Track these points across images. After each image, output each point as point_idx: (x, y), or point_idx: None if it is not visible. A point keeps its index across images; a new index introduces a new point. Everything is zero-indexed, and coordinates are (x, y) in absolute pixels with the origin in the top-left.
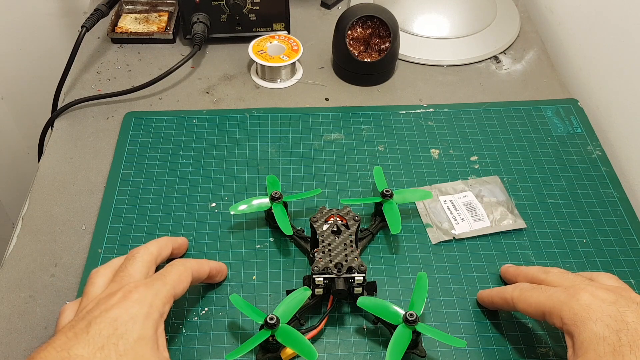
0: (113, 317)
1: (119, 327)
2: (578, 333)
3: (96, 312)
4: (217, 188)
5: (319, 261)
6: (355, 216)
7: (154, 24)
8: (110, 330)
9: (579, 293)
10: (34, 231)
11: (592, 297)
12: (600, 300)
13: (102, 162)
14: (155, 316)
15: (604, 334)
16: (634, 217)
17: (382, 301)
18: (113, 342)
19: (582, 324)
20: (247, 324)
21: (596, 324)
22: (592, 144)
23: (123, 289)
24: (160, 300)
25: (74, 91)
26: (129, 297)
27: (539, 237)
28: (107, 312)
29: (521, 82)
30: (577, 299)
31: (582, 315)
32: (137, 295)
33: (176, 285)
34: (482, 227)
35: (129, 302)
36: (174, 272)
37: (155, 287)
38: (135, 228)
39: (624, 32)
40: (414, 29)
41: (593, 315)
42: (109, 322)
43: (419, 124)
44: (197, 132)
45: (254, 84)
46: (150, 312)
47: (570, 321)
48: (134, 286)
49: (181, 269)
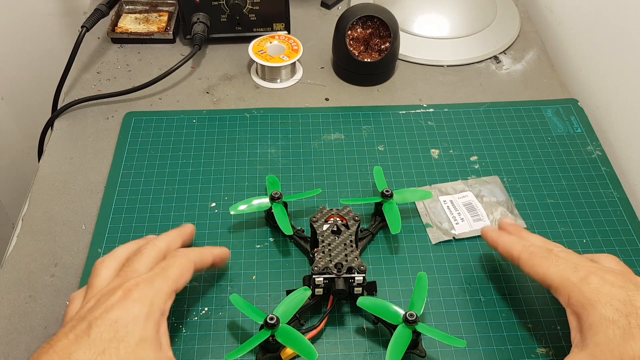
0: (114, 318)
1: (120, 330)
2: (587, 316)
3: (97, 312)
4: (217, 188)
5: (319, 261)
6: (355, 216)
7: (154, 24)
8: (111, 334)
9: (589, 277)
10: (34, 231)
11: (602, 280)
12: (609, 284)
13: (102, 162)
14: (156, 315)
15: (613, 317)
16: (634, 217)
17: (382, 301)
18: (114, 345)
19: (592, 307)
20: (247, 324)
21: (605, 307)
22: (592, 144)
23: (124, 286)
24: (161, 298)
25: (74, 91)
26: (130, 295)
27: None
28: (107, 313)
29: (521, 82)
30: (588, 282)
31: (592, 299)
32: (137, 294)
33: (178, 279)
34: (482, 227)
35: (129, 301)
36: (176, 265)
37: (157, 284)
38: (135, 228)
39: (624, 32)
40: (414, 29)
41: (602, 299)
42: (110, 324)
43: (419, 124)
44: (197, 132)
45: (254, 84)
46: (152, 311)
47: (579, 303)
48: (135, 283)
49: (183, 262)
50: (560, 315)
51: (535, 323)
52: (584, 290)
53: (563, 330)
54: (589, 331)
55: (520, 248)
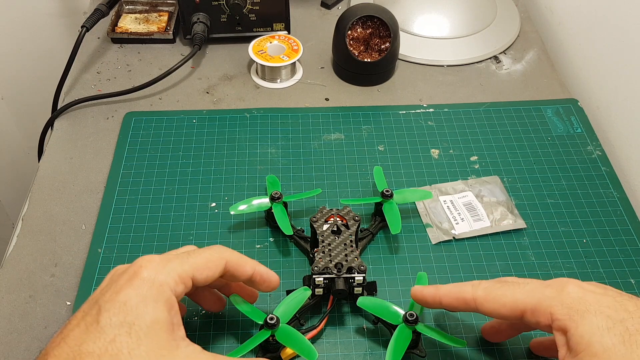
0: (122, 300)
1: (129, 313)
2: (575, 327)
3: (107, 295)
4: (217, 188)
5: (319, 261)
6: (355, 216)
7: (154, 24)
8: (120, 317)
9: (567, 286)
10: (34, 231)
11: (582, 289)
12: (591, 292)
13: (102, 162)
14: (166, 295)
15: (607, 325)
16: (634, 217)
17: (382, 301)
18: (125, 331)
19: (580, 317)
20: (247, 324)
21: (597, 315)
22: (592, 144)
23: (135, 264)
24: (172, 278)
25: (74, 91)
26: (139, 273)
27: (539, 237)
28: (117, 294)
29: (521, 82)
30: (568, 293)
31: (579, 309)
32: (147, 273)
33: (199, 268)
34: (482, 227)
35: (138, 280)
36: (202, 254)
37: (171, 265)
38: (135, 228)
39: (624, 32)
40: (414, 29)
41: (591, 307)
42: (119, 306)
43: (419, 124)
44: (197, 132)
45: (254, 84)
46: (162, 291)
47: (565, 316)
48: (147, 261)
49: (213, 254)
50: None
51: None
52: (566, 301)
53: None
54: (579, 344)
55: (470, 288)
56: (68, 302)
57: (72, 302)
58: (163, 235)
